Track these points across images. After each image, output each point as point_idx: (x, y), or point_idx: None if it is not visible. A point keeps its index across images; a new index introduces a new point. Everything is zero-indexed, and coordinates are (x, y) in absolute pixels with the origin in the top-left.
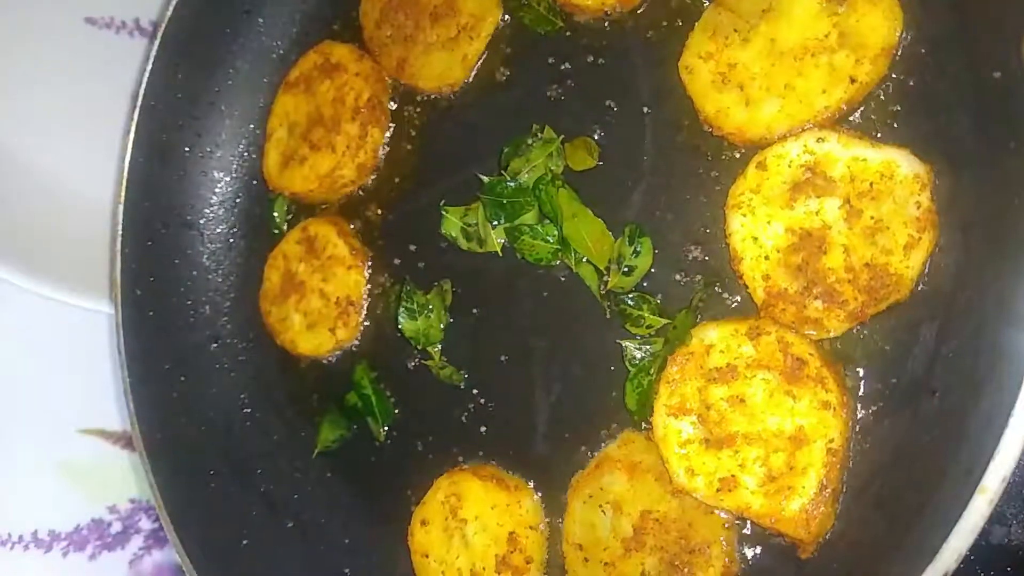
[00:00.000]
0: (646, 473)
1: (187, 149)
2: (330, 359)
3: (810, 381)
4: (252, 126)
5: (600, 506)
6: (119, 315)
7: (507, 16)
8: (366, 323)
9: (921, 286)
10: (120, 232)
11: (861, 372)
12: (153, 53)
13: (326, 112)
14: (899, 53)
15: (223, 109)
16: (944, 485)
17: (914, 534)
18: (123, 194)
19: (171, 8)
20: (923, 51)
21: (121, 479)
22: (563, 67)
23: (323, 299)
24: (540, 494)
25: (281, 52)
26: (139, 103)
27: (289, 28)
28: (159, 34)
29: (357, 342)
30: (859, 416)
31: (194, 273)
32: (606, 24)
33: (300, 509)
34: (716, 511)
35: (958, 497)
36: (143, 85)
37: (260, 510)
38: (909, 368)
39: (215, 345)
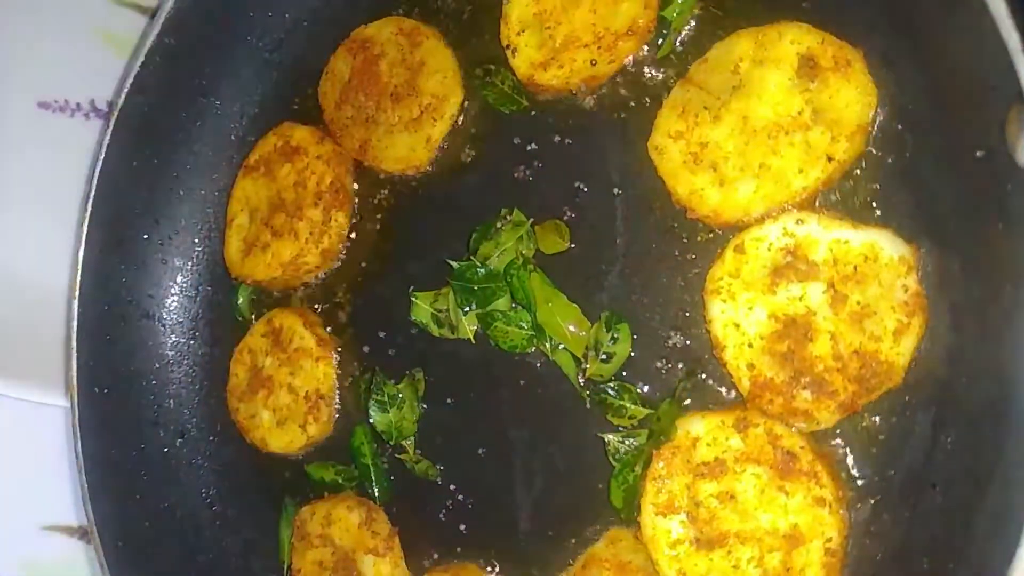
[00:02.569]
0: (636, 574)
1: (145, 236)
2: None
3: (803, 476)
4: (212, 211)
5: None
6: (75, 417)
7: (470, 96)
8: (338, 416)
9: (913, 371)
10: (75, 328)
11: (856, 463)
12: (106, 141)
13: (287, 197)
14: (876, 129)
15: (181, 194)
16: None
17: None
18: (77, 288)
19: (123, 95)
20: (900, 127)
21: (88, 575)
22: (529, 147)
23: (292, 394)
24: None
25: (240, 134)
26: (92, 192)
27: (247, 109)
28: (111, 121)
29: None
30: (857, 509)
31: (156, 366)
32: (572, 103)
33: None
34: None
35: None
36: (96, 174)
37: None
38: (906, 459)
39: (180, 441)
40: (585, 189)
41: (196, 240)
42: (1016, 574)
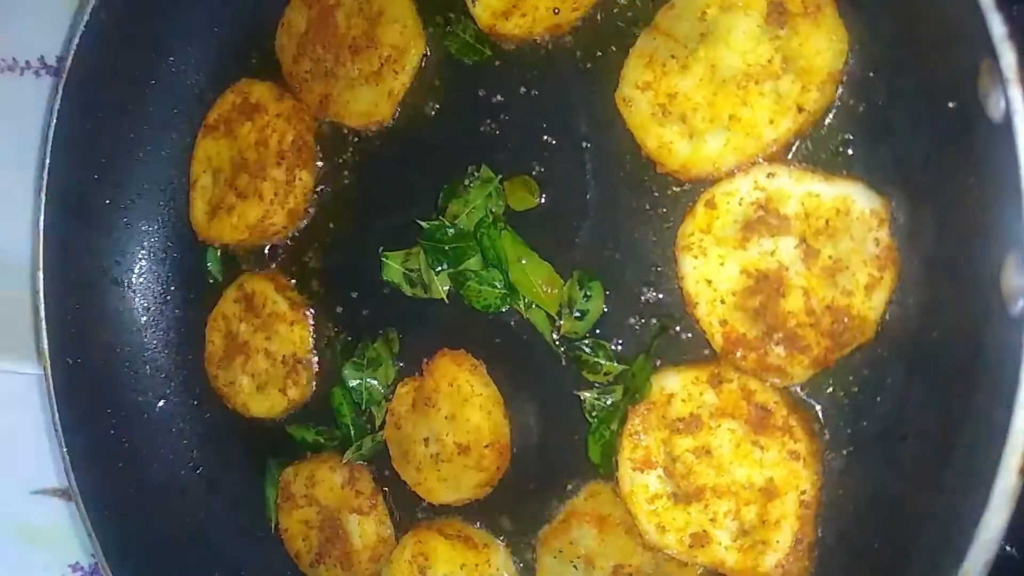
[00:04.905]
0: (616, 526)
1: (107, 201)
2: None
3: (777, 431)
4: (175, 172)
5: (571, 561)
6: (50, 387)
7: (432, 47)
8: (316, 378)
9: (885, 325)
10: (43, 299)
11: (829, 415)
12: (56, 106)
13: (250, 156)
14: (847, 77)
15: (141, 156)
16: (922, 542)
17: None
18: (41, 258)
19: (71, 55)
20: (871, 75)
21: (81, 536)
22: (495, 99)
23: (269, 359)
24: (509, 549)
25: (197, 91)
26: (47, 160)
27: (203, 65)
28: (60, 85)
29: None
30: (830, 461)
31: (129, 333)
32: (537, 52)
33: (264, 571)
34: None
35: (936, 564)
36: (49, 140)
37: None
38: (878, 412)
39: (160, 406)
40: (553, 142)
41: (161, 203)
42: (985, 534)
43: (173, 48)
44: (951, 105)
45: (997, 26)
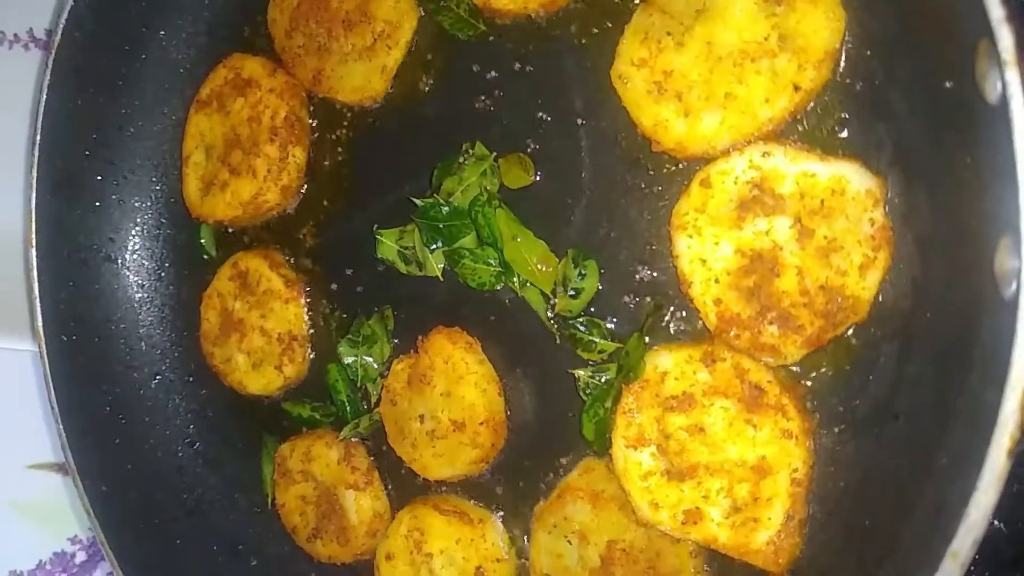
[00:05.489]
0: (610, 502)
1: (99, 178)
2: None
3: (770, 409)
4: (167, 148)
5: (565, 536)
6: (46, 366)
7: (425, 21)
8: (312, 355)
9: (879, 305)
10: (36, 277)
11: (822, 393)
12: (46, 81)
13: (242, 132)
14: (844, 55)
15: (132, 131)
16: (912, 520)
17: (886, 570)
18: (34, 236)
19: (60, 29)
20: (868, 53)
21: (79, 510)
22: (489, 75)
23: (265, 336)
24: (504, 524)
25: (188, 65)
26: (38, 137)
27: (195, 39)
28: (49, 60)
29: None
30: (822, 439)
31: (124, 310)
32: (532, 27)
33: (262, 545)
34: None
35: (926, 544)
36: (39, 117)
37: (223, 551)
38: (871, 390)
39: (155, 382)
40: (548, 119)
41: (153, 179)
42: (974, 513)
43: (164, 22)
44: (948, 85)
45: (995, 8)
